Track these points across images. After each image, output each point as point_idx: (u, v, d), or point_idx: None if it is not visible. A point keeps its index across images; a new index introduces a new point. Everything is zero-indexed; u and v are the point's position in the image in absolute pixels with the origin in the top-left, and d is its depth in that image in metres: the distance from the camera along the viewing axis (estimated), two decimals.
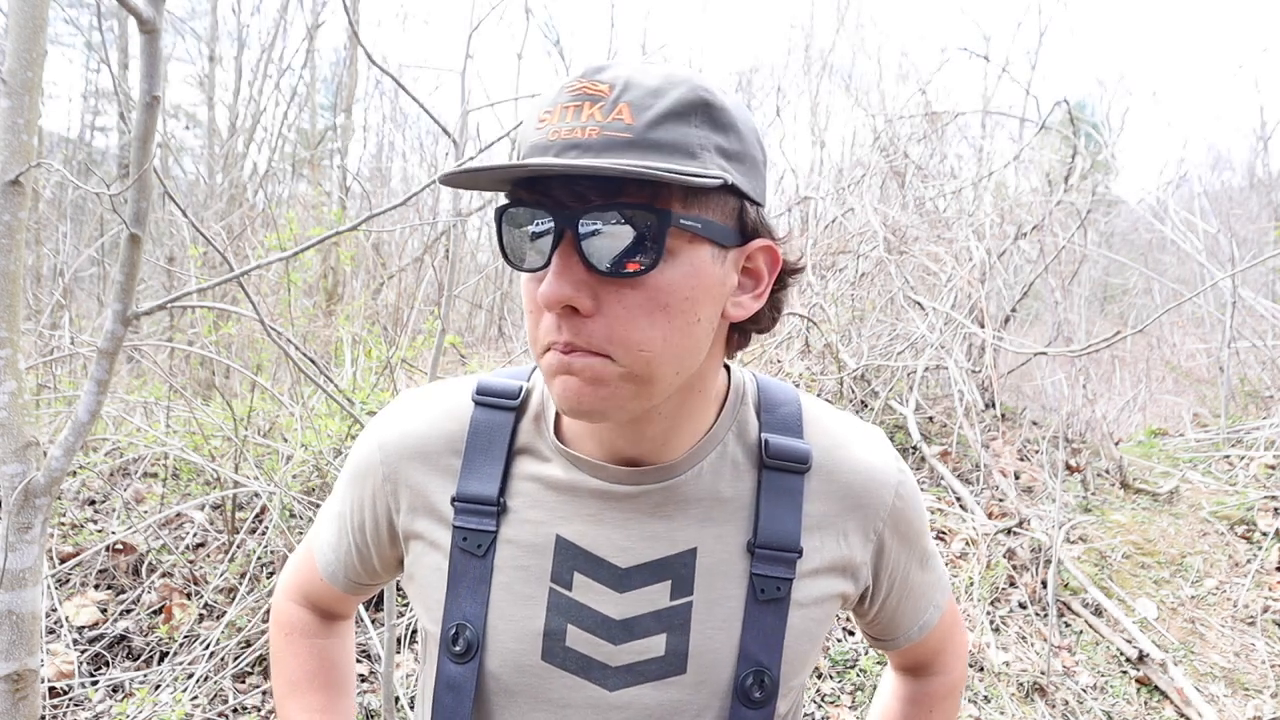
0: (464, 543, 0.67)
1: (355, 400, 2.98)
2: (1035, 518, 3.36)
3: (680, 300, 0.58)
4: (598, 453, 0.67)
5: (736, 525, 0.67)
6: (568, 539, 0.66)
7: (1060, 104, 4.86)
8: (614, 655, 0.65)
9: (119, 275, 1.48)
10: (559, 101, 0.56)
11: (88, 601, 2.55)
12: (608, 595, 0.65)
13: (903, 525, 0.72)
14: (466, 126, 2.20)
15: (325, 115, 9.42)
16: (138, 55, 1.39)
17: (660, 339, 0.57)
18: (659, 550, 0.66)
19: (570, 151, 0.54)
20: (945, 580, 0.82)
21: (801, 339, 4.80)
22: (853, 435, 0.72)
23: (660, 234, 0.55)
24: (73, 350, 3.78)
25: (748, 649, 0.65)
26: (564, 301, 0.56)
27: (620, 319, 0.56)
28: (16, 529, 1.47)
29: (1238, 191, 10.99)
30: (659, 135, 0.55)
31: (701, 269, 0.58)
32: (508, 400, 0.71)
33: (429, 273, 5.88)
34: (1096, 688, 2.64)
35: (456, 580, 0.67)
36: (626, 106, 0.55)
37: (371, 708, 2.27)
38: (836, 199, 5.49)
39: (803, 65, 9.68)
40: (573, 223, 0.55)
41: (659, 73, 0.57)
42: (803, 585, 0.67)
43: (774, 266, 0.64)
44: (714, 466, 0.67)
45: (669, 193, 0.56)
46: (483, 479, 0.68)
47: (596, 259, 0.55)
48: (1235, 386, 5.34)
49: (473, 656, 0.66)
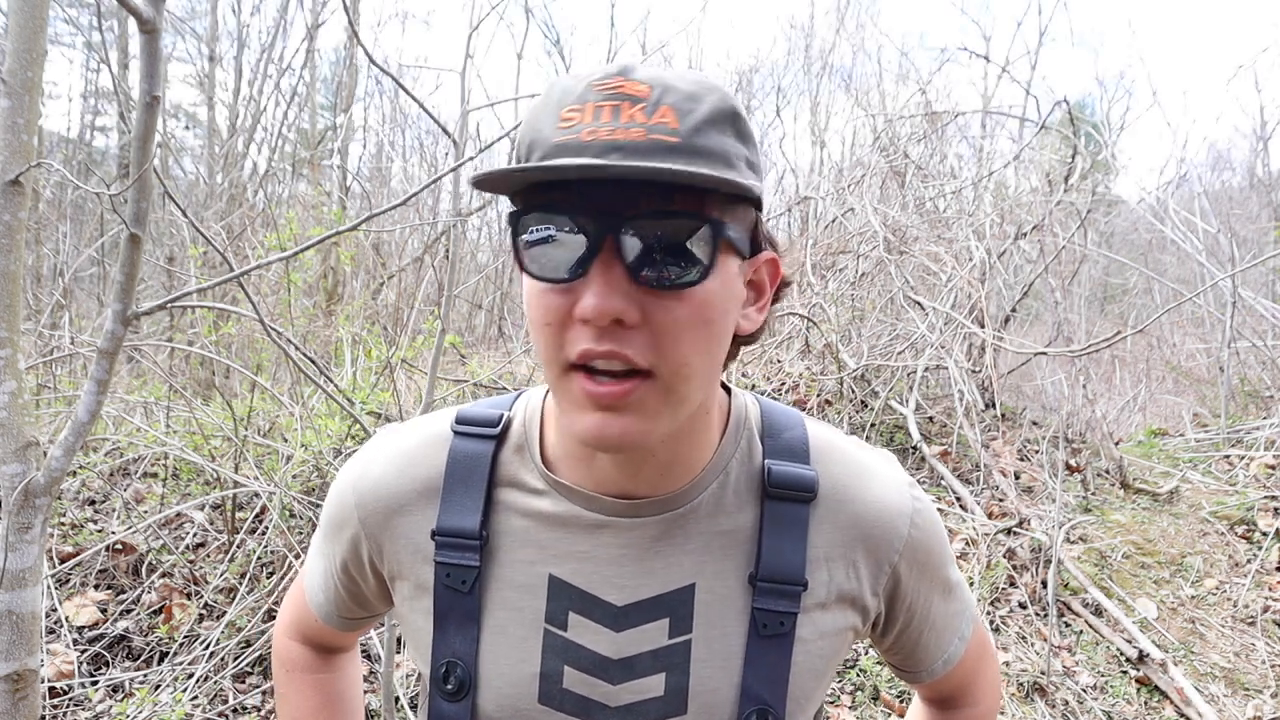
0: (448, 579, 0.64)
1: (355, 400, 2.98)
2: (1035, 518, 3.36)
3: (720, 314, 0.55)
4: (590, 484, 0.63)
5: (737, 558, 0.63)
6: (561, 578, 0.63)
7: (1060, 104, 4.86)
8: (612, 695, 0.62)
9: (119, 275, 1.48)
10: (587, 100, 0.52)
11: (88, 601, 2.55)
12: (604, 634, 0.63)
13: (920, 555, 0.67)
14: (466, 126, 2.20)
15: (325, 115, 9.42)
16: (138, 55, 1.39)
17: (701, 355, 0.55)
18: (656, 587, 0.63)
19: (613, 153, 0.50)
20: (971, 609, 0.76)
21: (801, 339, 4.80)
22: (863, 462, 0.68)
23: (714, 244, 0.53)
24: (73, 350, 3.78)
25: (750, 687, 0.62)
26: (614, 315, 0.51)
27: (668, 333, 0.53)
28: (16, 529, 1.47)
29: (1238, 191, 10.99)
30: (703, 142, 0.52)
31: (731, 281, 0.56)
32: (487, 429, 0.67)
33: (429, 273, 5.88)
34: (1096, 688, 2.64)
35: (443, 618, 0.65)
36: (670, 110, 0.52)
37: (371, 708, 2.27)
38: (836, 199, 5.49)
39: (803, 65, 9.69)
40: (617, 230, 0.51)
41: (690, 78, 0.55)
42: (808, 620, 0.64)
43: (775, 278, 0.63)
44: (715, 497, 0.64)
45: (713, 201, 0.53)
46: (462, 512, 0.65)
47: (648, 270, 0.52)
48: (1235, 386, 5.33)
49: (464, 695, 0.63)
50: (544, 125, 0.54)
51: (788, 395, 4.43)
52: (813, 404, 4.28)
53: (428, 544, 0.66)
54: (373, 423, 3.32)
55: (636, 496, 0.63)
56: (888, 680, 2.60)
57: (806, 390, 4.39)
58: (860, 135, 7.12)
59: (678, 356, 0.53)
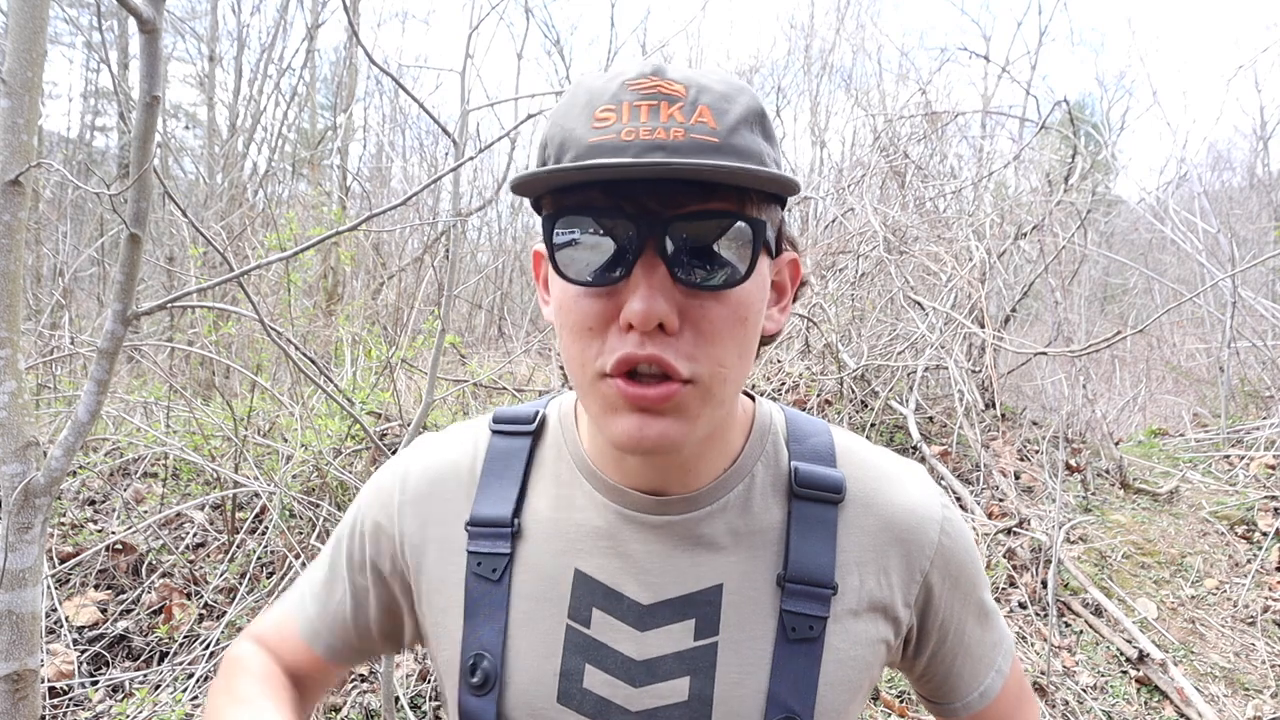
0: (478, 568, 0.64)
1: (355, 400, 2.98)
2: (1035, 518, 3.36)
3: (755, 314, 0.55)
4: (620, 479, 0.63)
5: (766, 559, 0.62)
6: (586, 573, 0.63)
7: (1060, 104, 4.86)
8: (633, 699, 0.60)
9: (119, 275, 1.48)
10: (623, 100, 0.52)
11: (88, 601, 2.55)
12: (628, 633, 0.61)
13: (953, 568, 0.65)
14: (466, 126, 2.20)
15: (325, 115, 9.42)
16: (138, 55, 1.39)
17: (737, 357, 0.55)
18: (683, 586, 0.61)
19: (656, 153, 0.50)
20: (1009, 644, 0.73)
21: (801, 339, 4.80)
22: (891, 467, 0.67)
23: (756, 244, 0.53)
24: (73, 350, 3.78)
25: (777, 694, 0.59)
26: (661, 319, 0.51)
27: (706, 335, 0.53)
28: (16, 529, 1.47)
29: (1238, 191, 10.99)
30: (740, 142, 0.52)
31: (764, 282, 0.57)
32: (524, 426, 0.69)
33: (429, 273, 5.88)
34: (1096, 688, 2.64)
35: (474, 608, 0.64)
36: (707, 109, 0.52)
37: (371, 708, 2.27)
38: (836, 199, 5.49)
39: (803, 65, 9.69)
40: (660, 230, 0.51)
41: (721, 78, 0.55)
42: (838, 627, 0.62)
43: (795, 279, 0.63)
44: (742, 497, 0.63)
45: (751, 201, 0.53)
46: (497, 501, 0.65)
47: (689, 271, 0.52)
48: (1235, 386, 5.34)
49: (491, 688, 0.62)
50: (576, 125, 0.53)
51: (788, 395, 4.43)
52: (813, 404, 4.28)
53: (460, 535, 0.66)
54: (372, 423, 3.32)
55: (665, 494, 0.63)
56: (888, 680, 2.60)
57: (806, 390, 4.39)
58: (860, 135, 7.12)
59: (716, 358, 0.53)
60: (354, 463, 3.23)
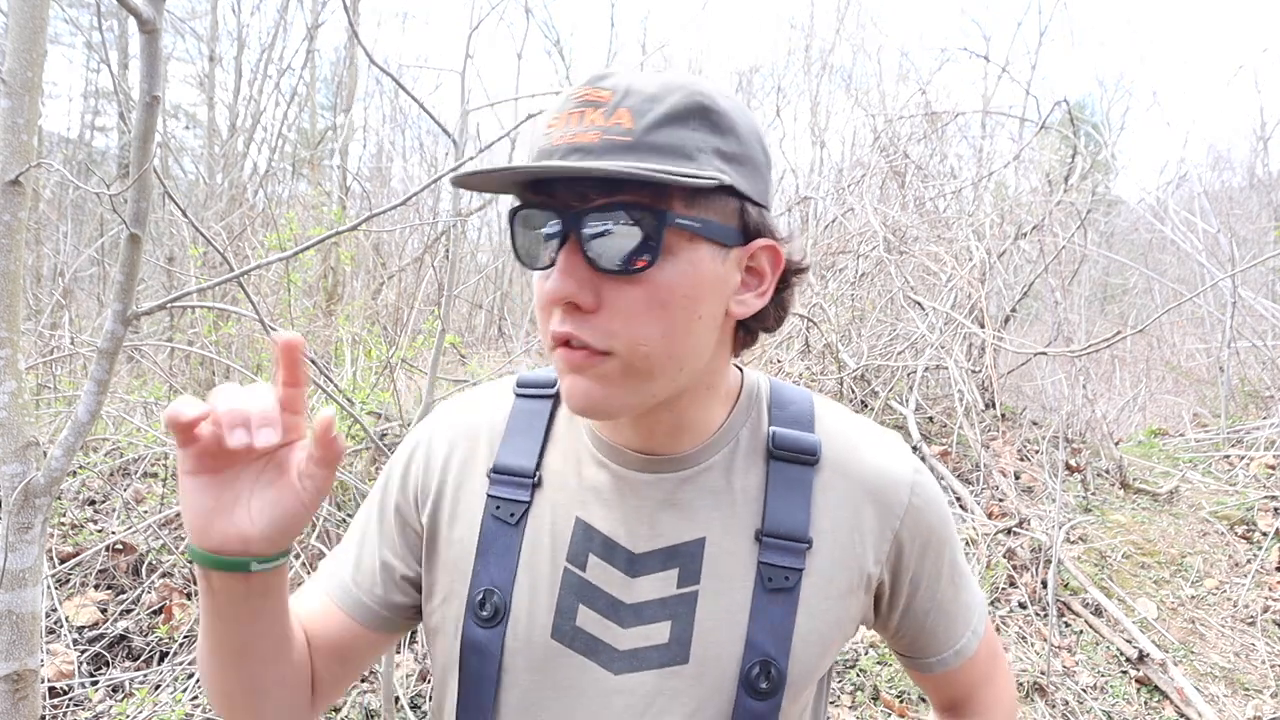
0: (497, 511, 0.70)
1: (355, 400, 2.98)
2: (1035, 518, 3.36)
3: (680, 298, 0.59)
4: (619, 440, 0.70)
5: (745, 517, 0.68)
6: (586, 521, 0.69)
7: (1060, 104, 4.85)
8: (621, 638, 0.66)
9: (119, 275, 1.48)
10: (565, 109, 0.59)
11: (88, 601, 2.55)
12: (619, 578, 0.67)
13: (923, 529, 0.70)
14: (466, 126, 2.20)
15: (325, 115, 9.42)
16: (138, 55, 1.39)
17: (659, 335, 0.59)
18: (669, 537, 0.68)
19: (573, 155, 0.57)
20: (983, 608, 0.79)
21: (801, 339, 4.80)
22: (866, 433, 0.73)
23: (658, 232, 0.57)
24: (73, 350, 3.78)
25: (754, 639, 0.65)
26: (567, 298, 0.58)
27: (621, 315, 0.58)
28: (16, 529, 1.47)
29: (1238, 191, 10.98)
30: (656, 139, 0.57)
31: (701, 267, 0.60)
32: (546, 390, 0.75)
33: (429, 273, 5.88)
34: (1096, 688, 2.64)
35: (486, 547, 0.69)
36: (626, 112, 0.57)
37: (371, 708, 2.27)
38: (836, 199, 5.49)
39: (803, 65, 9.68)
40: (576, 222, 0.58)
41: (659, 79, 0.59)
42: (813, 579, 0.67)
43: (776, 265, 0.65)
44: (726, 460, 0.69)
45: (669, 194, 0.58)
46: (520, 454, 0.72)
47: (598, 257, 0.58)
48: (1235, 386, 5.34)
49: (499, 621, 0.68)
50: (538, 132, 0.61)
51: None
52: None
53: (481, 481, 0.72)
54: (372, 423, 3.32)
55: (657, 454, 0.69)
56: (888, 680, 2.60)
57: None
58: (860, 135, 7.11)
59: (633, 336, 0.59)
60: (354, 463, 3.23)
